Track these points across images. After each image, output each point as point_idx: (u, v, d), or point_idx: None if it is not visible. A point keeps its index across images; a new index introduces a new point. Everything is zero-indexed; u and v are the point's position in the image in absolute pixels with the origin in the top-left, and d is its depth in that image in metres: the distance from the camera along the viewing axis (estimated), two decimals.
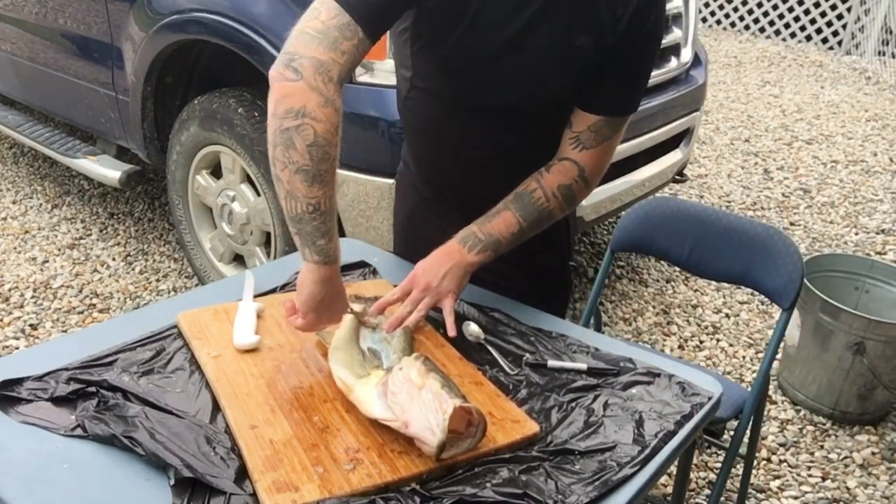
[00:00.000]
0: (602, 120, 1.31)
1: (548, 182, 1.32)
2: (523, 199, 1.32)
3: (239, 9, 2.34)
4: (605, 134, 1.32)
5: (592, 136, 1.32)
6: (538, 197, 1.32)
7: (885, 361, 2.37)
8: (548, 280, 1.58)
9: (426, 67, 1.33)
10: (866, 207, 4.07)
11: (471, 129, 1.37)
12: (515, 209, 1.32)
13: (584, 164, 1.33)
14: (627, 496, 1.00)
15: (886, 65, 6.68)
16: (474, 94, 1.32)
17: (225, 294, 1.42)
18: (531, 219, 1.32)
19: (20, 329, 2.73)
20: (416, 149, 1.51)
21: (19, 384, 1.12)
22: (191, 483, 0.96)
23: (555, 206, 1.33)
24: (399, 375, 1.04)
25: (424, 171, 1.53)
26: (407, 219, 1.62)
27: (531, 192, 1.32)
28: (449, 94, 1.34)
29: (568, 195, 1.33)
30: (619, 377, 1.24)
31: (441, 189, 1.52)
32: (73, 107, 3.22)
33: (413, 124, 1.47)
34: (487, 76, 1.28)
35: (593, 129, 1.31)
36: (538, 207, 1.32)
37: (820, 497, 2.18)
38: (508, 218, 1.31)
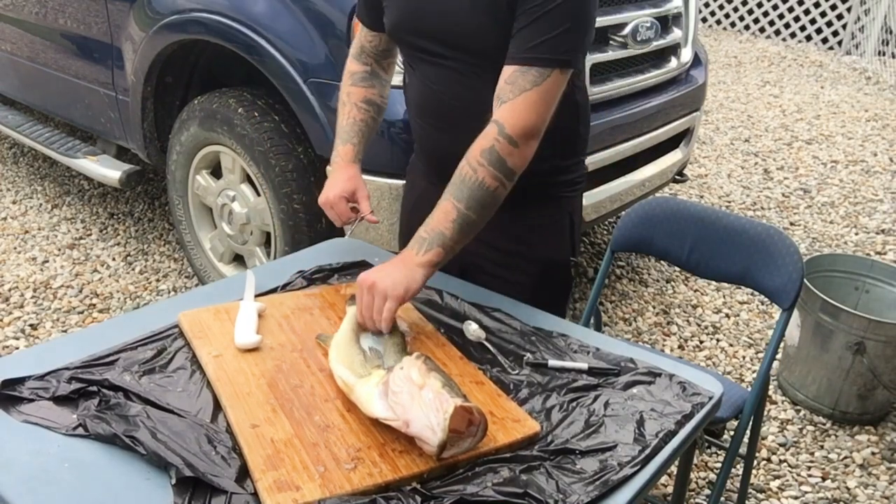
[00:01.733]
0: (515, 70, 1.26)
1: (471, 153, 1.27)
2: (454, 180, 1.28)
3: (239, 9, 2.34)
4: (521, 85, 1.26)
5: (508, 89, 1.26)
6: (465, 172, 1.26)
7: (885, 361, 2.37)
8: (549, 274, 1.57)
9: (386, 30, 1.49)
10: (866, 207, 4.07)
11: (430, 82, 1.44)
12: (451, 195, 1.27)
13: (504, 121, 1.26)
14: (628, 496, 1.01)
15: (886, 65, 6.68)
16: (407, 37, 1.42)
17: (225, 294, 1.42)
18: (466, 197, 1.25)
19: (20, 329, 2.73)
20: (413, 127, 1.60)
21: (21, 383, 1.12)
22: (192, 482, 0.96)
23: (484, 174, 1.25)
24: (400, 375, 1.04)
25: (419, 149, 1.62)
26: (413, 207, 1.66)
27: (460, 170, 1.27)
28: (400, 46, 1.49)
29: (493, 158, 1.25)
30: (619, 377, 1.24)
31: (432, 162, 1.57)
32: (73, 107, 3.22)
33: (407, 104, 1.59)
34: (408, 17, 1.39)
35: (509, 81, 1.27)
36: (469, 183, 1.26)
37: (820, 497, 2.18)
38: (446, 207, 1.26)
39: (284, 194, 2.42)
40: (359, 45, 1.61)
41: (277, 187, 2.42)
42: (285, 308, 1.37)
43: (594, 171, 2.55)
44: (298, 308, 1.37)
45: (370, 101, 1.59)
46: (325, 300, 1.41)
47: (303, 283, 1.48)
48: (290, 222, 2.44)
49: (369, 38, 1.58)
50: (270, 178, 2.43)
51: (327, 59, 2.21)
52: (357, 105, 1.58)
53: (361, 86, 1.60)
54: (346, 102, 1.59)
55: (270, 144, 2.41)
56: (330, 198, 1.52)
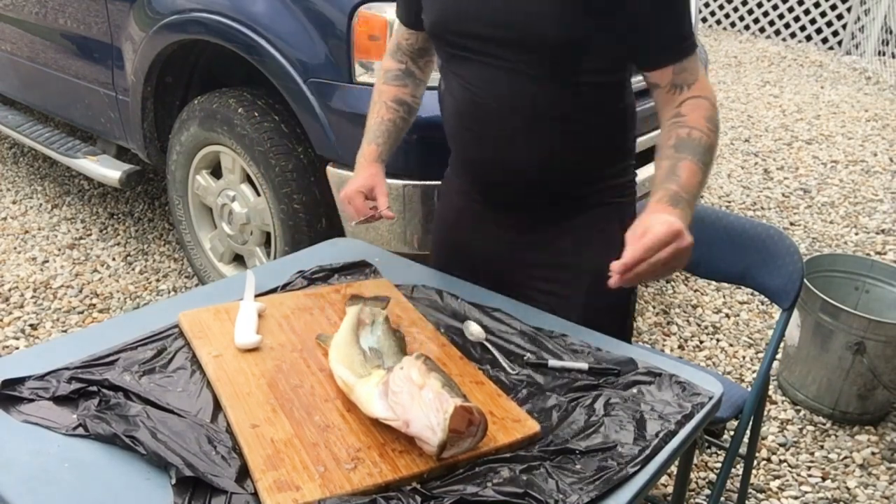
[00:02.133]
0: (677, 65, 1.27)
1: (694, 121, 1.25)
2: (685, 143, 1.24)
3: (239, 9, 2.34)
4: (694, 68, 1.28)
5: (688, 75, 1.28)
6: (697, 136, 1.24)
7: (885, 361, 2.37)
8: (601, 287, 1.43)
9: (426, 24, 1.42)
10: (866, 207, 4.07)
11: (474, 84, 1.36)
12: (687, 155, 1.23)
13: (706, 94, 1.28)
14: (628, 496, 1.00)
15: (886, 65, 6.68)
16: (459, 27, 1.34)
17: (225, 294, 1.42)
18: (706, 160, 1.24)
19: (20, 329, 2.73)
20: (449, 136, 1.52)
21: (21, 383, 1.12)
22: (192, 482, 0.96)
23: (714, 139, 1.26)
24: (400, 375, 1.04)
25: (459, 162, 1.55)
26: (453, 226, 1.60)
27: (687, 135, 1.24)
28: (444, 41, 1.39)
29: (715, 124, 1.27)
30: (619, 377, 1.24)
31: (475, 174, 1.50)
32: (73, 107, 3.22)
33: (444, 113, 1.51)
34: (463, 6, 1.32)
35: (679, 71, 1.27)
36: (704, 144, 1.24)
37: (820, 497, 2.18)
38: (690, 167, 1.22)
39: (284, 194, 2.42)
40: (395, 42, 1.58)
41: (277, 187, 2.42)
42: (285, 308, 1.37)
43: None
44: (298, 308, 1.37)
45: (401, 101, 1.56)
46: (326, 300, 1.41)
47: (303, 283, 1.48)
48: (290, 222, 2.44)
49: (406, 37, 1.55)
50: (270, 178, 2.43)
51: (327, 59, 2.21)
52: (387, 104, 1.55)
53: (394, 84, 1.57)
54: (376, 101, 1.57)
55: (270, 144, 2.41)
56: (348, 192, 1.50)
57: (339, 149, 2.25)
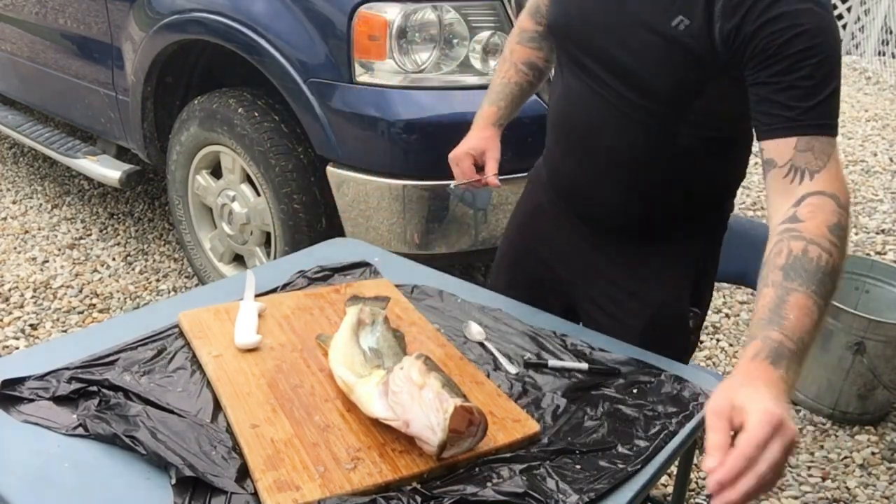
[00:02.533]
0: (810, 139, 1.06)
1: (813, 230, 1.00)
2: (799, 265, 0.97)
3: (239, 9, 2.34)
4: (825, 151, 1.06)
5: (812, 157, 1.05)
6: (815, 255, 0.97)
7: (885, 361, 2.37)
8: (662, 321, 1.38)
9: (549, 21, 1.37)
10: (866, 207, 4.07)
11: (573, 97, 1.30)
12: (798, 285, 0.95)
13: (834, 190, 1.03)
14: (628, 496, 1.01)
15: (886, 65, 6.68)
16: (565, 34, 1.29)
17: (225, 294, 1.42)
18: (825, 290, 0.96)
19: (20, 329, 2.73)
20: (549, 134, 1.45)
21: (21, 383, 1.12)
22: (192, 482, 0.96)
23: (838, 257, 0.99)
24: (400, 375, 1.04)
25: (546, 158, 1.48)
26: (528, 218, 1.54)
27: (802, 253, 0.98)
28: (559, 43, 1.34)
29: (843, 235, 1.01)
30: (619, 377, 1.24)
31: (553, 179, 1.44)
32: (73, 107, 3.22)
33: (550, 103, 1.44)
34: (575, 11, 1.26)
35: (804, 150, 1.06)
36: (823, 266, 0.97)
37: (820, 497, 2.18)
38: (800, 300, 0.94)
39: (284, 194, 2.42)
40: (536, 2, 1.49)
41: (277, 187, 2.42)
42: (285, 308, 1.37)
43: None
44: (298, 308, 1.37)
45: (532, 65, 1.49)
46: (326, 300, 1.41)
47: (303, 283, 1.48)
48: (290, 222, 2.44)
49: (546, 2, 1.43)
50: (270, 178, 2.43)
51: (327, 59, 2.21)
52: (517, 66, 1.49)
53: (528, 46, 1.50)
54: (506, 59, 1.50)
55: (270, 144, 2.41)
56: (458, 153, 1.43)
57: (339, 149, 2.25)
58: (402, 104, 2.17)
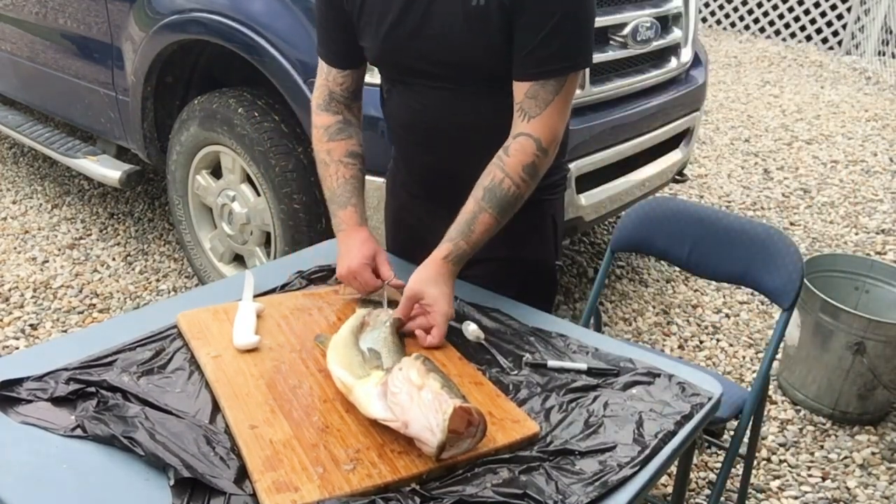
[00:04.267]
0: (534, 84, 1.29)
1: (511, 166, 1.31)
2: (494, 193, 1.31)
3: (239, 9, 2.34)
4: (544, 98, 1.30)
5: (533, 104, 1.30)
6: (507, 186, 1.31)
7: (885, 361, 2.36)
8: (535, 278, 1.57)
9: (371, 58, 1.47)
10: (866, 207, 4.07)
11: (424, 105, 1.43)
12: (489, 207, 1.31)
13: (539, 135, 1.30)
14: (628, 496, 1.00)
15: (886, 65, 6.68)
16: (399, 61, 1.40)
17: (225, 294, 1.42)
18: (505, 210, 1.32)
19: (20, 329, 2.73)
20: (395, 142, 1.60)
21: (19, 384, 1.12)
22: (190, 483, 0.96)
23: (524, 189, 1.32)
24: (399, 376, 1.04)
25: (405, 163, 1.60)
26: (397, 217, 1.68)
27: (499, 183, 1.31)
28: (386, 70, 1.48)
29: (532, 172, 1.32)
30: (619, 377, 1.23)
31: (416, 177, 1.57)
32: (73, 107, 3.22)
33: (388, 120, 1.56)
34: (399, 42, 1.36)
35: (530, 96, 1.30)
36: (510, 196, 1.31)
37: (820, 497, 2.18)
38: (487, 221, 1.31)
39: (284, 194, 2.41)
40: (326, 93, 1.52)
41: (277, 187, 2.42)
42: (284, 308, 1.37)
43: (594, 170, 2.55)
44: (297, 308, 1.37)
45: (354, 154, 1.51)
46: (324, 301, 1.41)
47: (302, 284, 1.48)
48: (290, 222, 2.44)
49: (339, 81, 1.51)
50: (270, 178, 2.43)
51: None
52: (342, 161, 1.49)
53: (340, 139, 1.50)
54: (328, 162, 1.50)
55: (270, 144, 2.41)
56: (354, 267, 1.39)
57: None
58: None
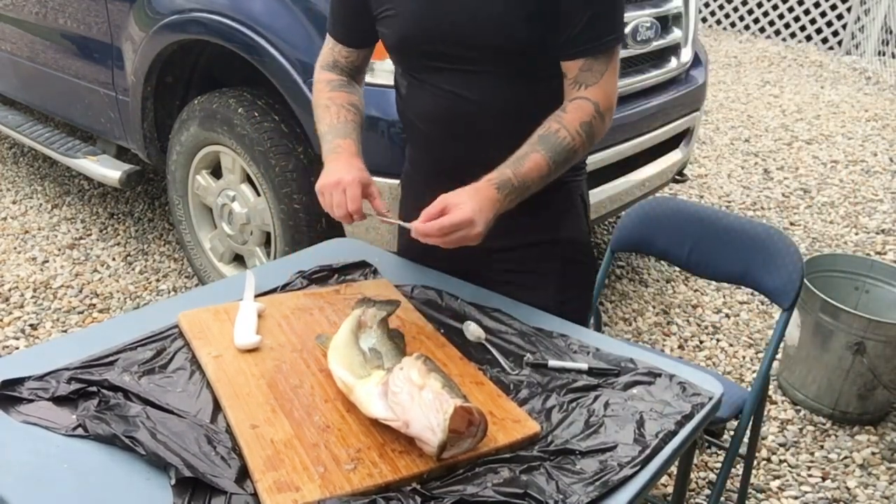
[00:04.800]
0: (588, 60, 1.35)
1: (569, 121, 1.34)
2: (549, 139, 1.32)
3: (239, 9, 2.34)
4: (598, 69, 1.35)
5: (588, 75, 1.35)
6: (563, 136, 1.33)
7: (885, 361, 2.37)
8: (575, 255, 1.57)
9: (389, 43, 1.46)
10: (866, 207, 4.07)
11: (446, 90, 1.43)
12: (544, 150, 1.32)
13: (597, 99, 1.35)
14: (628, 496, 1.00)
15: (886, 65, 6.68)
16: (426, 45, 1.39)
17: (225, 294, 1.42)
18: (559, 159, 1.33)
19: (20, 329, 2.73)
20: (416, 140, 1.58)
21: (20, 384, 1.12)
22: (192, 483, 0.96)
23: (579, 143, 1.34)
24: (400, 375, 1.04)
25: (423, 159, 1.58)
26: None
27: (555, 132, 1.33)
28: (409, 59, 1.47)
29: (589, 132, 1.35)
30: (619, 377, 1.24)
31: (441, 171, 1.51)
32: (73, 107, 3.22)
33: (409, 115, 1.55)
34: (427, 24, 1.37)
35: (585, 69, 1.35)
36: (565, 147, 1.33)
37: (820, 497, 2.18)
38: (538, 160, 1.31)
39: (284, 194, 2.42)
40: (331, 59, 1.57)
41: (277, 187, 2.42)
42: (285, 308, 1.37)
43: (594, 170, 2.55)
44: (298, 308, 1.37)
45: (354, 105, 1.53)
46: (325, 300, 1.41)
47: (303, 284, 1.48)
48: (290, 222, 2.44)
49: (345, 55, 1.55)
50: (270, 178, 2.43)
51: None
52: (345, 107, 1.51)
53: (342, 90, 1.54)
54: (330, 105, 1.52)
55: (270, 144, 2.41)
56: (346, 179, 1.36)
57: None
58: None
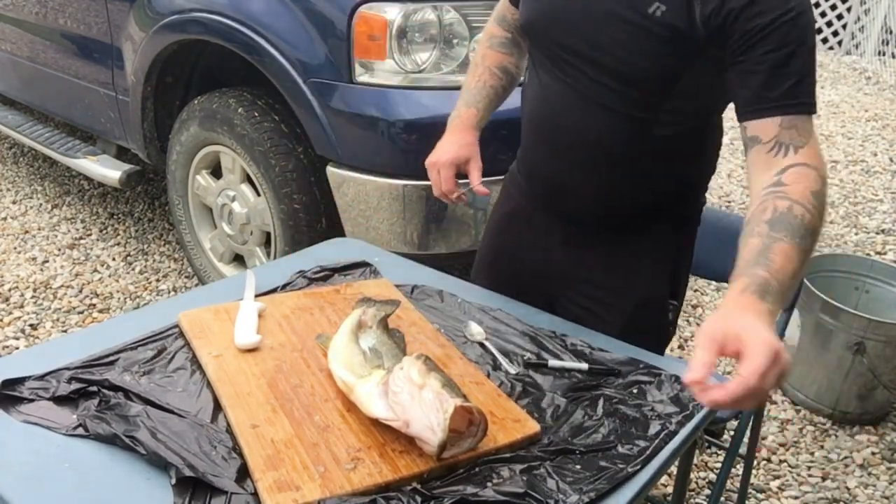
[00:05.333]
0: (792, 118, 1.11)
1: (797, 192, 1.07)
2: (782, 220, 1.05)
3: (239, 9, 2.34)
4: (805, 129, 1.11)
5: (794, 133, 1.11)
6: (799, 213, 1.05)
7: (885, 361, 2.37)
8: (642, 314, 1.42)
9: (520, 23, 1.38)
10: (866, 207, 4.07)
11: (553, 96, 1.31)
12: (783, 235, 1.04)
13: (814, 164, 1.10)
14: (628, 496, 1.00)
15: (886, 65, 6.68)
16: (543, 31, 1.29)
17: (225, 294, 1.42)
18: (804, 238, 1.04)
19: (20, 329, 2.73)
20: (523, 136, 1.47)
21: (21, 383, 1.12)
22: (192, 482, 0.96)
23: (817, 220, 1.07)
24: (400, 375, 1.04)
25: (523, 161, 1.48)
26: (504, 220, 1.55)
27: (787, 210, 1.06)
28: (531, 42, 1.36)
29: (821, 200, 1.08)
30: (619, 377, 1.24)
31: (535, 182, 1.44)
32: (73, 107, 3.22)
33: (524, 105, 1.43)
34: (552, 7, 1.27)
35: (787, 127, 1.10)
36: (806, 225, 1.05)
37: (820, 497, 2.18)
38: (784, 248, 1.03)
39: (284, 194, 2.42)
40: (501, 11, 1.52)
41: (277, 187, 2.42)
42: (285, 308, 1.37)
43: None
44: (298, 308, 1.37)
45: (505, 69, 1.49)
46: (325, 300, 1.41)
47: (303, 283, 1.48)
48: (290, 222, 2.44)
49: (512, 12, 1.48)
50: (270, 178, 2.43)
51: (327, 59, 2.21)
52: (491, 69, 1.48)
53: (499, 50, 1.50)
54: (478, 64, 1.49)
55: (270, 144, 2.41)
56: (441, 160, 1.37)
57: (339, 149, 2.25)
58: (403, 104, 2.18)
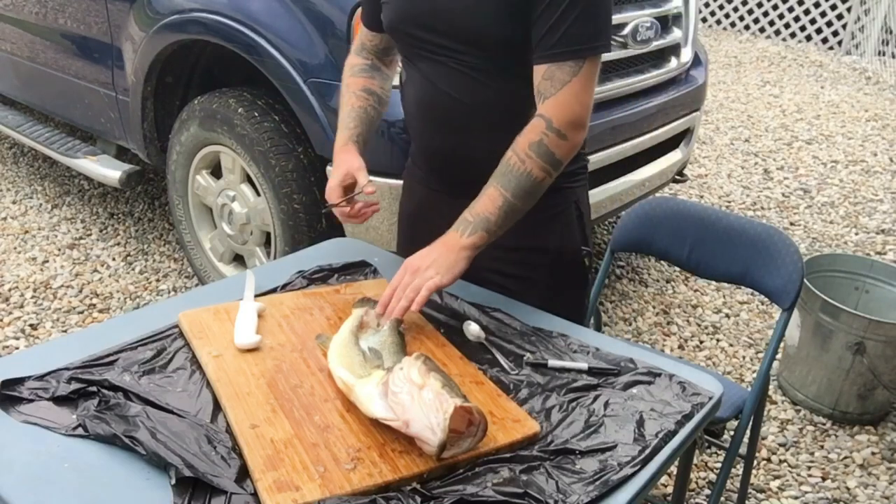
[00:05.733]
0: (551, 66, 1.29)
1: (518, 145, 1.30)
2: (502, 169, 1.31)
3: (239, 9, 2.34)
4: (560, 79, 1.28)
5: (548, 84, 1.29)
6: (514, 163, 1.30)
7: (885, 361, 2.37)
8: (562, 265, 1.55)
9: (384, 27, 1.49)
10: (866, 207, 4.07)
11: (434, 80, 1.43)
12: (497, 182, 1.31)
13: (550, 115, 1.29)
14: (628, 496, 1.00)
15: (886, 65, 6.68)
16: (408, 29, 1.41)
17: (225, 294, 1.42)
18: (513, 186, 1.29)
19: (20, 329, 2.73)
20: (411, 128, 1.58)
21: (20, 384, 1.12)
22: (192, 482, 0.96)
23: (532, 166, 1.29)
24: (400, 375, 1.04)
25: (418, 151, 1.60)
26: (413, 214, 1.66)
27: (507, 160, 1.31)
28: (399, 42, 1.48)
29: (542, 151, 1.29)
30: (619, 377, 1.24)
31: (433, 165, 1.56)
32: (73, 107, 3.22)
33: (406, 103, 1.56)
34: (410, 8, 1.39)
35: (546, 77, 1.29)
36: (517, 173, 1.29)
37: (820, 497, 2.18)
38: (492, 193, 1.30)
39: (284, 194, 2.42)
40: (359, 42, 1.63)
41: (277, 187, 2.42)
42: (285, 308, 1.37)
43: (594, 170, 2.55)
44: (298, 308, 1.37)
45: (368, 90, 1.58)
46: (325, 300, 1.41)
47: (303, 283, 1.48)
48: (290, 222, 2.44)
49: (370, 38, 1.60)
50: (270, 178, 2.43)
51: (327, 59, 2.21)
52: (356, 93, 1.57)
53: (360, 76, 1.59)
54: (344, 93, 1.59)
55: (270, 144, 2.41)
56: (330, 186, 1.47)
57: None
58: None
